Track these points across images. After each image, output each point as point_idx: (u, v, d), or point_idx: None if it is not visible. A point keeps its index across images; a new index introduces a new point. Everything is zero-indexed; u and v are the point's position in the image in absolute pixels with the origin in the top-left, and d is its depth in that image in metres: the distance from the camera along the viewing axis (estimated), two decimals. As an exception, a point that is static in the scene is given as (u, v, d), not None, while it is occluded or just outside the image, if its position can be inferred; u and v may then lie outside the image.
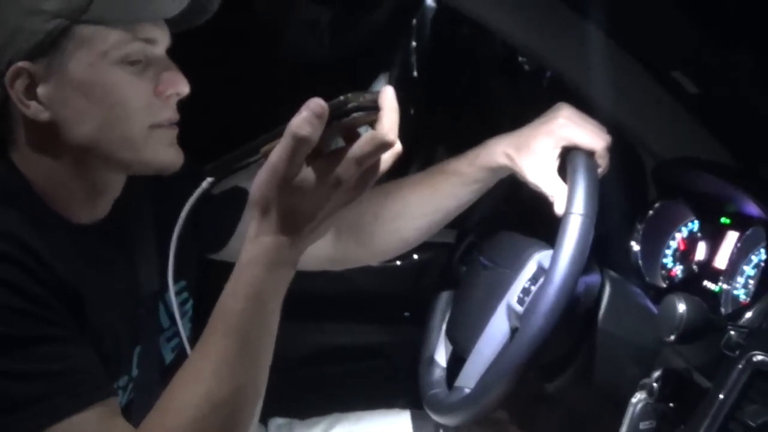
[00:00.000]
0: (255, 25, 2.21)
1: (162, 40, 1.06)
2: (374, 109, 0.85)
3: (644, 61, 1.42)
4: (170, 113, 1.07)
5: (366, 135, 0.85)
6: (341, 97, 0.83)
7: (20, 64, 0.99)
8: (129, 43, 1.01)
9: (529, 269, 1.27)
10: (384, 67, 2.53)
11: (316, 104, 0.82)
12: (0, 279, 0.93)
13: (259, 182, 0.85)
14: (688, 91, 1.40)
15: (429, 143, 2.46)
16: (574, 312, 1.21)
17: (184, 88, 1.07)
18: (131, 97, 1.03)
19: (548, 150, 1.26)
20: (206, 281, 1.31)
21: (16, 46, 0.98)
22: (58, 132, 1.03)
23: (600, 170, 1.24)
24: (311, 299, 1.57)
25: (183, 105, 1.09)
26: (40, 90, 1.00)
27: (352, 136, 0.86)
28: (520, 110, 1.38)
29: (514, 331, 1.25)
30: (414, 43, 2.59)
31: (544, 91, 2.11)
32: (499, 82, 2.49)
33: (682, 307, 1.06)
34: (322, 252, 0.93)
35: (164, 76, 1.05)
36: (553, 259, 1.13)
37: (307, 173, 0.85)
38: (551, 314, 1.11)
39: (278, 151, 0.83)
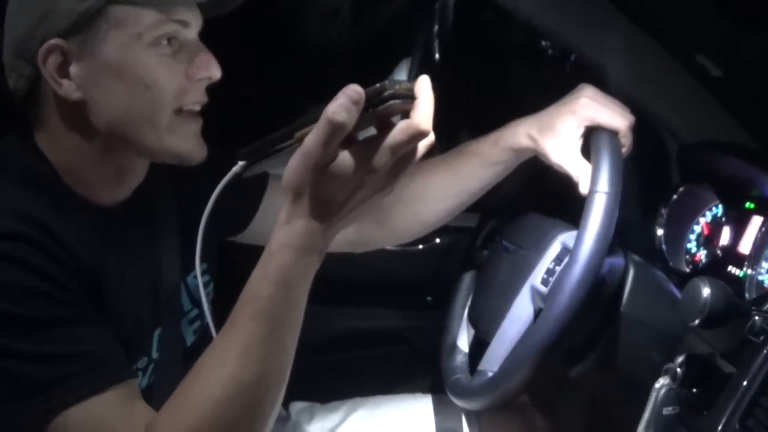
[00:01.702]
0: (276, 13, 2.21)
1: (195, 24, 1.07)
2: (410, 98, 0.84)
3: (668, 45, 1.41)
4: (200, 96, 1.08)
5: (402, 123, 0.83)
6: (377, 85, 0.82)
7: (53, 41, 1.00)
8: (163, 25, 1.02)
9: (554, 250, 1.27)
10: (406, 53, 2.51)
11: (353, 90, 0.80)
12: (19, 260, 0.94)
13: (292, 167, 0.84)
14: (712, 75, 1.38)
15: (451, 128, 2.44)
16: (598, 295, 1.20)
17: (216, 72, 1.08)
18: (163, 79, 1.03)
19: (571, 130, 1.25)
20: (224, 264, 1.32)
21: (49, 25, 0.99)
22: (87, 112, 1.04)
23: (624, 150, 1.24)
24: (333, 284, 1.57)
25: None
26: (73, 69, 1.01)
27: (384, 125, 0.85)
28: (544, 95, 1.36)
29: (538, 312, 1.24)
30: (436, 28, 2.57)
31: (567, 76, 2.10)
32: (523, 67, 2.47)
33: (706, 291, 1.05)
34: (341, 234, 0.92)
35: (197, 59, 1.06)
36: (579, 237, 1.12)
37: (341, 160, 0.83)
38: (577, 291, 1.10)
39: (313, 137, 0.82)
